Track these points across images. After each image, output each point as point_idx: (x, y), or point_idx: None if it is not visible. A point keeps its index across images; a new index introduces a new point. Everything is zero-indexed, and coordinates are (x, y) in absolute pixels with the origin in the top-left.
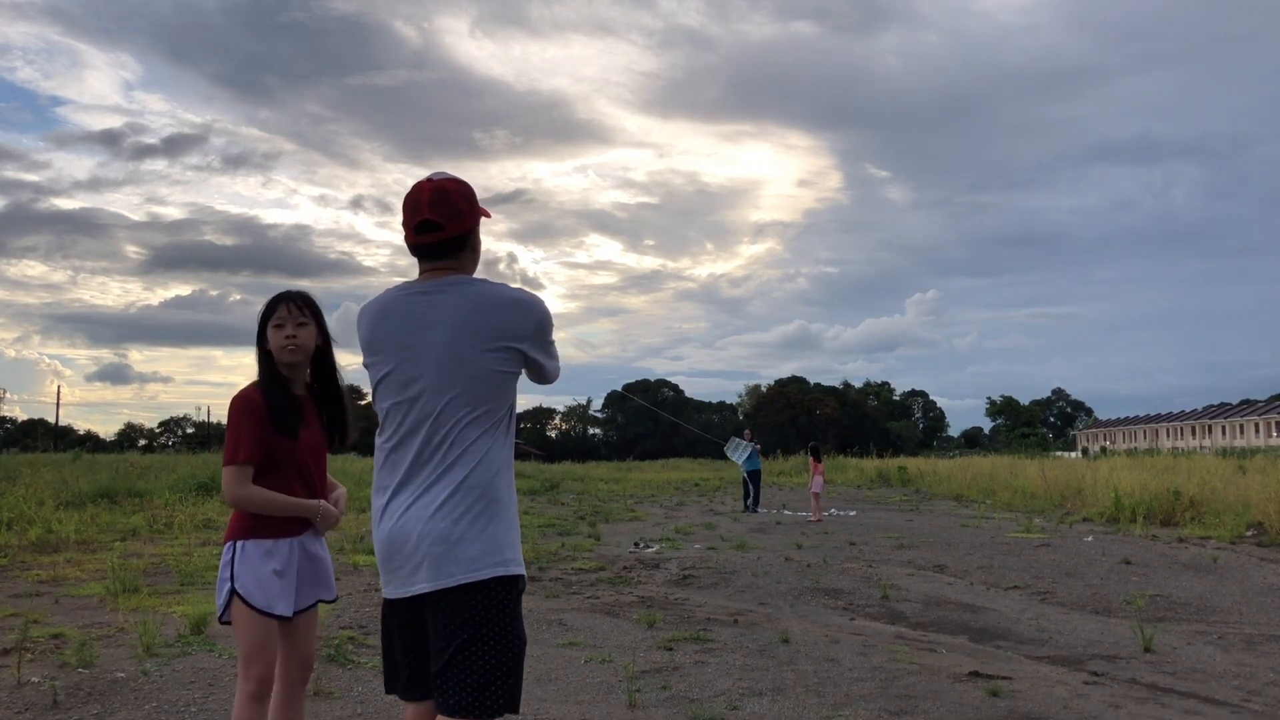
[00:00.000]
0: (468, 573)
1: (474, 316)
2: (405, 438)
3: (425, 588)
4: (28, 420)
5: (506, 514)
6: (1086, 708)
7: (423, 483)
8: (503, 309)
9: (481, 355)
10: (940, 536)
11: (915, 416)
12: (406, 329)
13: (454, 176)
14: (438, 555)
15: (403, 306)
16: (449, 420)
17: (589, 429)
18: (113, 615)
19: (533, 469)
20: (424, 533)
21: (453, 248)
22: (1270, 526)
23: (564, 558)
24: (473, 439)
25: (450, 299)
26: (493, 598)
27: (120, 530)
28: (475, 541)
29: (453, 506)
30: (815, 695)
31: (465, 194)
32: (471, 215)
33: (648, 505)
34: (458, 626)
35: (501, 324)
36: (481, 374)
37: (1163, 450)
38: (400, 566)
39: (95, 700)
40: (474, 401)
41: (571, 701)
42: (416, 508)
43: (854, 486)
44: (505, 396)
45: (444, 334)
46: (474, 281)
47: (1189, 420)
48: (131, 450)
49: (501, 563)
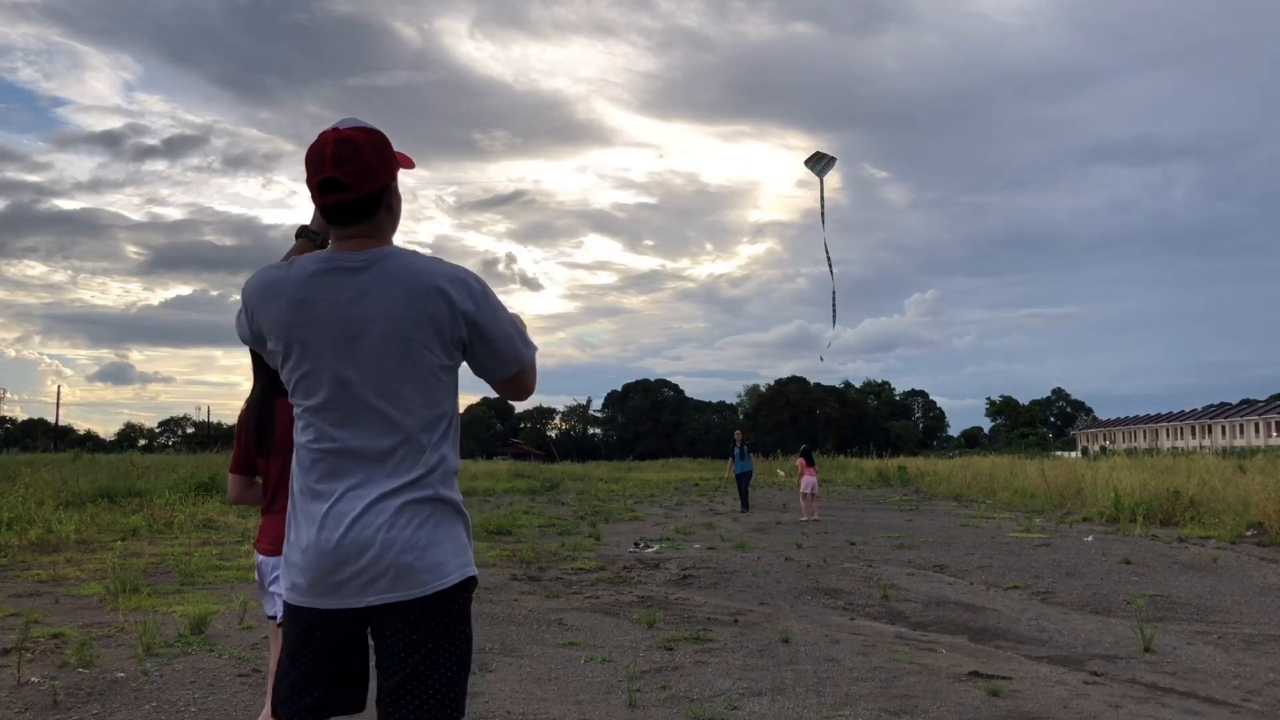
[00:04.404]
0: (439, 579)
1: (409, 304)
2: (344, 439)
3: (389, 598)
4: (28, 420)
5: (461, 515)
6: (1086, 708)
7: (373, 488)
8: (438, 292)
9: (421, 349)
10: (940, 536)
11: (915, 416)
12: (339, 317)
13: (364, 125)
14: (407, 564)
15: (327, 287)
16: (398, 420)
17: (589, 429)
18: (113, 615)
19: (533, 469)
20: (388, 541)
21: (364, 210)
22: (1270, 526)
23: (564, 558)
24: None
25: (379, 280)
26: (455, 602)
27: (120, 530)
28: (442, 546)
29: (414, 513)
30: (815, 695)
31: (376, 145)
32: (384, 170)
33: (648, 505)
34: (422, 636)
35: (438, 310)
36: (423, 369)
37: (1163, 450)
38: (352, 578)
39: (95, 700)
40: (422, 401)
41: (571, 701)
42: (371, 514)
43: (854, 486)
44: (450, 392)
45: (382, 325)
46: (403, 257)
47: (1189, 420)
48: (131, 450)
49: (467, 562)
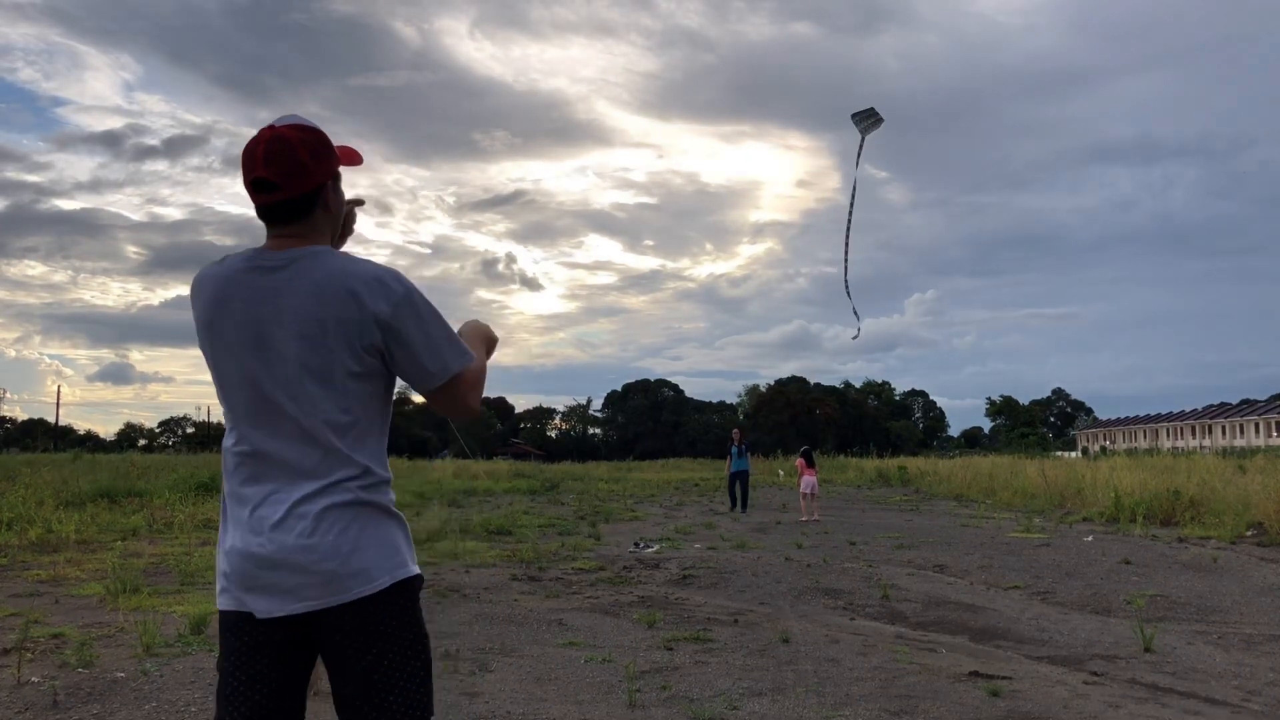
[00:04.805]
0: (365, 585)
1: (319, 305)
2: (260, 442)
3: (314, 605)
4: (28, 420)
5: (391, 517)
6: (1086, 708)
7: (293, 492)
8: (348, 293)
9: (328, 352)
10: (940, 536)
11: (915, 416)
12: (255, 315)
13: (301, 123)
14: (331, 570)
15: (248, 285)
16: (315, 425)
17: (589, 429)
18: (113, 615)
19: (533, 469)
20: (308, 547)
21: (296, 211)
22: (1270, 526)
23: (564, 558)
24: (335, 445)
25: (295, 281)
26: (393, 606)
27: (120, 530)
28: (367, 551)
29: (335, 518)
30: (815, 695)
31: (312, 143)
32: (319, 170)
33: (648, 505)
34: (364, 642)
35: (347, 313)
36: (339, 377)
37: (1163, 450)
38: (276, 584)
39: (95, 700)
40: (339, 407)
41: (571, 701)
42: (292, 519)
43: (854, 486)
44: (367, 398)
45: (295, 326)
46: (322, 257)
47: (1189, 420)
48: (131, 450)
49: (399, 565)
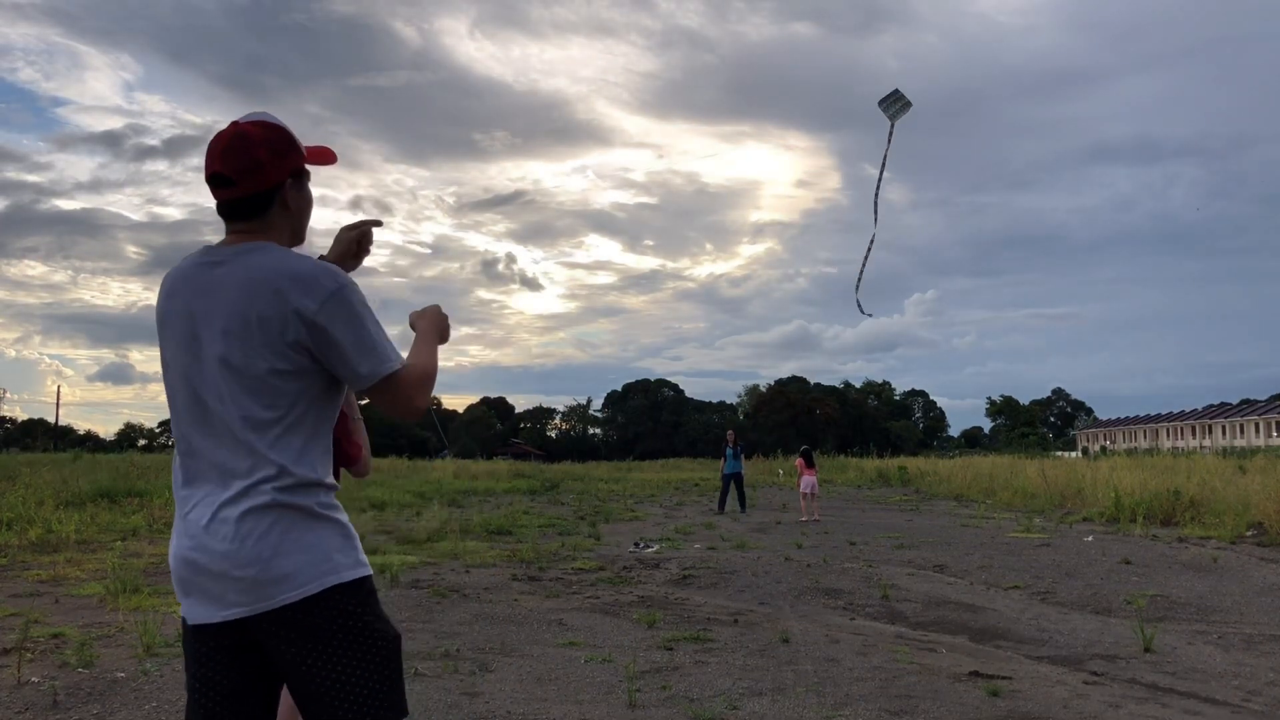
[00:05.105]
0: (291, 590)
1: (245, 301)
2: (195, 442)
3: (240, 612)
4: (28, 420)
5: (321, 519)
6: (1086, 708)
7: (219, 494)
8: (273, 291)
9: (256, 352)
10: (940, 536)
11: (915, 416)
12: (191, 310)
13: (266, 119)
14: (252, 576)
15: (192, 280)
16: (236, 424)
17: (589, 429)
18: (113, 615)
19: (533, 469)
20: (229, 552)
21: (251, 208)
22: (1270, 526)
23: (564, 558)
24: (258, 445)
25: (228, 277)
26: (329, 611)
27: (120, 530)
28: (290, 556)
29: (255, 522)
30: (815, 695)
31: (272, 140)
32: (275, 168)
33: (648, 505)
34: (300, 650)
35: (270, 309)
36: (261, 374)
37: (1163, 450)
38: (207, 590)
39: (95, 700)
40: (261, 405)
41: (571, 701)
42: (217, 523)
43: (854, 486)
44: (294, 398)
45: (221, 322)
46: (261, 252)
47: (1189, 420)
48: (131, 450)
49: (328, 571)
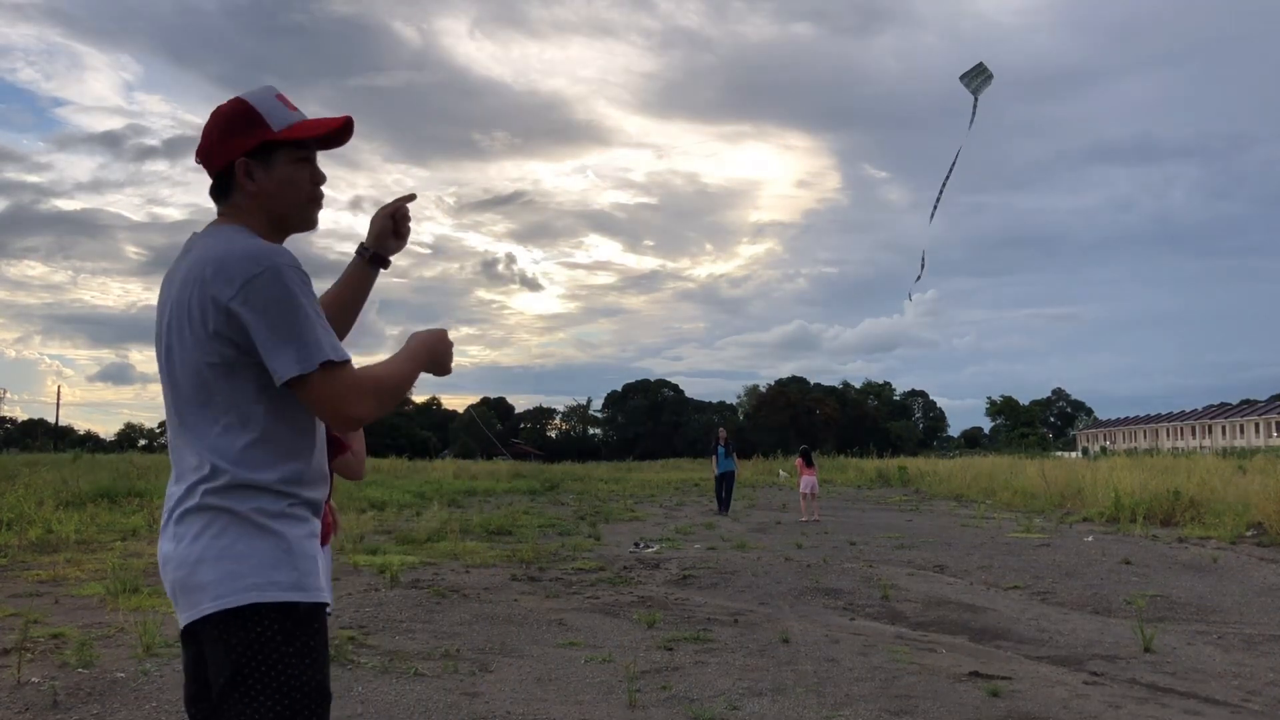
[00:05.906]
0: (211, 601)
1: (182, 290)
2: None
3: (184, 618)
4: (28, 420)
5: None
6: (1086, 708)
7: (176, 494)
8: (197, 278)
9: (187, 342)
10: (940, 536)
11: (915, 416)
12: (163, 302)
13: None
14: (180, 580)
15: (169, 272)
16: (182, 420)
17: (589, 429)
18: (113, 615)
19: (533, 469)
20: (166, 555)
21: (217, 191)
22: (1270, 526)
23: (564, 558)
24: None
25: (179, 264)
26: (240, 633)
27: (120, 530)
28: (212, 564)
29: (188, 525)
30: (815, 695)
31: (221, 121)
32: (223, 149)
33: (648, 505)
34: (217, 666)
35: (195, 300)
36: (193, 366)
37: (1163, 450)
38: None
39: (95, 700)
40: (198, 401)
41: (571, 701)
42: (170, 523)
43: (854, 486)
44: (232, 393)
45: (168, 314)
46: (208, 237)
47: (1189, 420)
48: (132, 450)
49: (250, 588)
